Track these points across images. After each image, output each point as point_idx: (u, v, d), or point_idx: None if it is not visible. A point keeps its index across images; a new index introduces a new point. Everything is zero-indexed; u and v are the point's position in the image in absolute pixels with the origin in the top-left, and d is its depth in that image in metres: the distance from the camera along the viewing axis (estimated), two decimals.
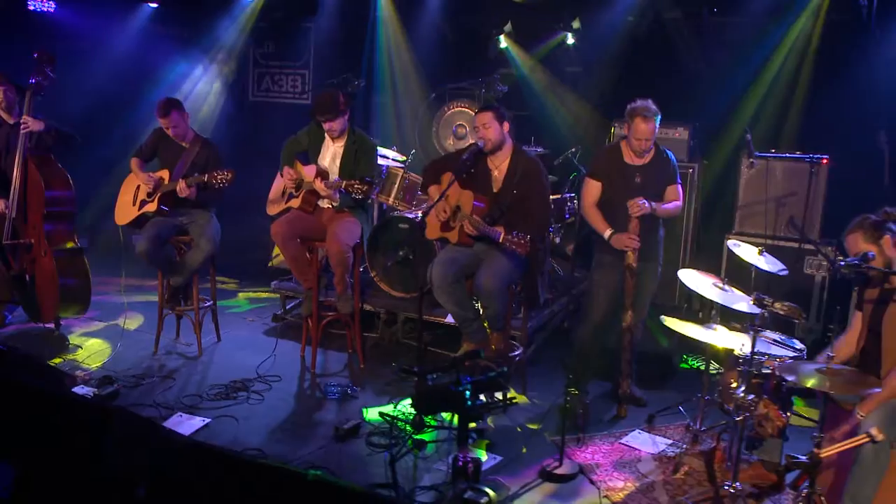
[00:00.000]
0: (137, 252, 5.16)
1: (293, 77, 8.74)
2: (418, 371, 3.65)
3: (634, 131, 4.42)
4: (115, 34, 8.35)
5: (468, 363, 3.64)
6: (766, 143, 5.84)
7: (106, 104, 8.01)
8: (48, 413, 3.52)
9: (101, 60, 8.29)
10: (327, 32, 8.08)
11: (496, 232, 4.29)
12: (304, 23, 8.15)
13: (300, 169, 5.18)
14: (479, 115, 4.57)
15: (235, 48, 8.12)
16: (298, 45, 8.48)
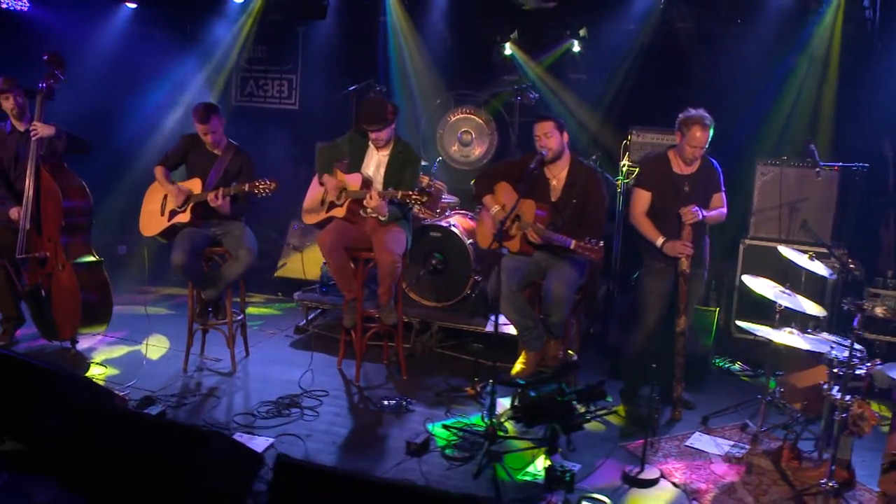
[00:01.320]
0: (173, 264, 4.98)
1: (279, 82, 8.58)
2: (524, 383, 3.67)
3: (690, 139, 4.55)
4: (93, 35, 8.02)
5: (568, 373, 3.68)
6: (778, 150, 6.10)
7: (85, 108, 7.68)
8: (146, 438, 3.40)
9: (79, 63, 7.93)
10: (319, 37, 7.95)
11: (567, 240, 4.35)
12: (295, 27, 8.00)
13: (342, 177, 5.11)
14: (540, 124, 4.62)
15: (231, 52, 7.90)
16: (286, 49, 8.32)
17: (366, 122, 4.90)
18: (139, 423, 3.59)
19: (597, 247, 4.20)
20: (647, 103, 6.61)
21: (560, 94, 7.00)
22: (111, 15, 8.14)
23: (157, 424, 3.71)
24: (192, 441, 3.30)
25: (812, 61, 6.02)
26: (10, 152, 5.39)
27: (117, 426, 3.48)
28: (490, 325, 5.53)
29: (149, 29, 8.23)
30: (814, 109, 6.16)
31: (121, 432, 3.44)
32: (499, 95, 7.23)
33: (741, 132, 4.94)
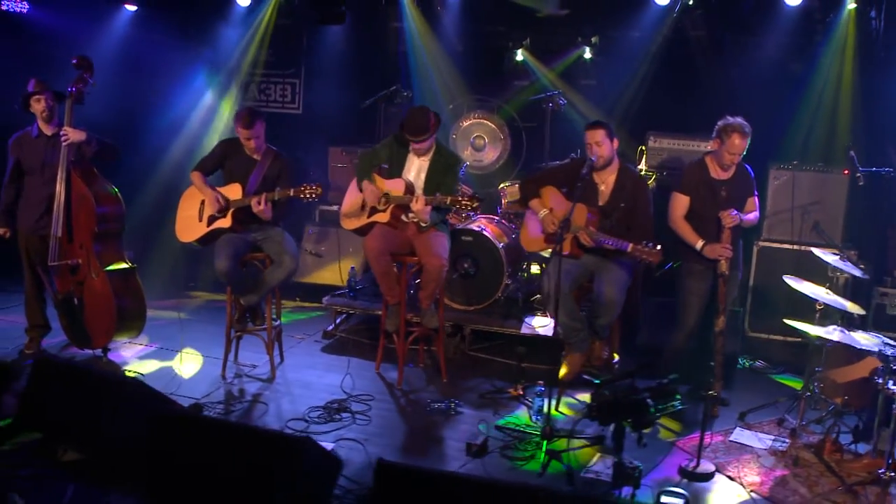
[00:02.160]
0: (217, 271, 5.01)
1: (282, 86, 8.57)
2: (600, 382, 3.81)
3: (729, 146, 4.75)
4: (93, 37, 7.91)
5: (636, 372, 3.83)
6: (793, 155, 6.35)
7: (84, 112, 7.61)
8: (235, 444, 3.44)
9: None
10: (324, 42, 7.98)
11: (624, 243, 4.50)
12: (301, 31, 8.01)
13: (382, 183, 5.19)
14: (592, 131, 4.76)
15: (242, 57, 7.88)
16: (290, 53, 8.31)
17: (411, 133, 4.99)
18: (228, 430, 3.62)
19: (654, 249, 4.37)
20: (660, 109, 6.83)
21: (573, 100, 7.15)
22: (111, 17, 8.06)
23: (246, 431, 3.74)
24: (284, 446, 3.36)
25: (824, 70, 6.28)
26: (37, 157, 5.33)
27: (205, 434, 3.51)
28: (525, 327, 5.67)
29: (150, 32, 8.15)
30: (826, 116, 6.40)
31: (209, 440, 3.47)
32: (512, 100, 7.37)
33: (754, 138, 5.15)
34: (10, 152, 5.35)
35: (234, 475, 3.38)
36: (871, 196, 6.21)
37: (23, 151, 5.33)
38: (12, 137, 5.39)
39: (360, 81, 7.65)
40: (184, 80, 8.03)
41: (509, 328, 5.74)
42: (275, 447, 3.37)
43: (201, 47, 8.09)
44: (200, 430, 3.55)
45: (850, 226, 6.26)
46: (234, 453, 3.40)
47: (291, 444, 3.35)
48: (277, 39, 7.84)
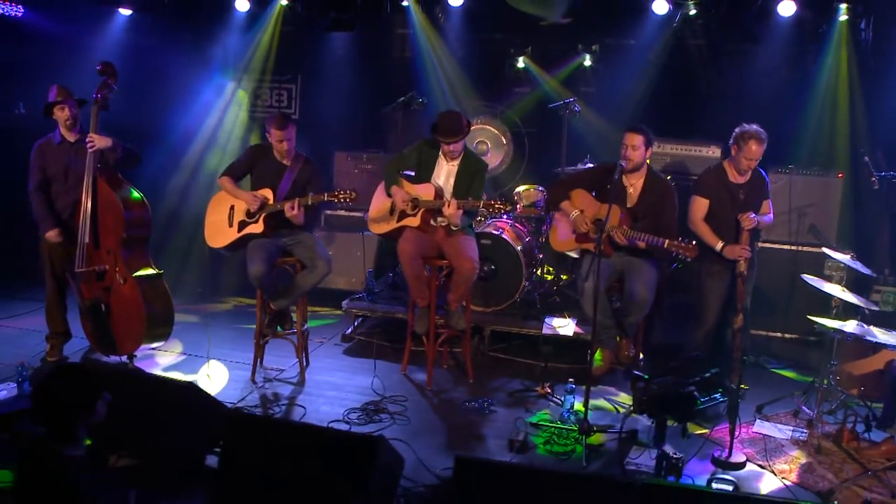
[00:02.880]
0: (251, 276, 5.09)
1: (278, 91, 8.64)
2: (648, 378, 4.02)
3: (746, 152, 5.02)
4: (89, 43, 7.90)
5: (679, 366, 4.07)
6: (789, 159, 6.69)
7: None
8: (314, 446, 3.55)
9: (75, 71, 7.83)
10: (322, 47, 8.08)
11: (660, 240, 4.73)
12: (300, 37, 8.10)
13: (410, 187, 5.33)
14: (632, 135, 4.97)
15: (245, 63, 7.94)
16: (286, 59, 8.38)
17: (445, 135, 5.15)
18: (302, 431, 3.73)
19: (690, 245, 4.61)
20: (662, 116, 7.07)
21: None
22: (106, 21, 8.04)
23: (321, 431, 3.85)
24: (359, 445, 3.48)
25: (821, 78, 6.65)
26: (60, 164, 5.35)
27: (280, 435, 3.61)
28: (546, 328, 5.88)
29: (146, 37, 8.15)
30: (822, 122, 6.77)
31: (284, 441, 3.57)
32: (514, 106, 7.59)
33: None
34: (33, 160, 5.35)
35: (309, 475, 3.49)
36: (864, 199, 6.61)
37: (46, 159, 5.34)
38: (35, 145, 5.39)
39: (363, 88, 7.78)
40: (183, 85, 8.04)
41: (531, 329, 5.93)
42: (350, 446, 3.50)
43: (200, 53, 8.13)
44: (275, 431, 3.65)
45: (844, 226, 6.64)
46: (309, 454, 3.52)
47: (366, 443, 3.48)
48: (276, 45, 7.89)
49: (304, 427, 4.15)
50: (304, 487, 3.50)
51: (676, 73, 7.18)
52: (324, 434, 3.74)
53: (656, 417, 4.08)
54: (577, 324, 5.91)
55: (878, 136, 6.66)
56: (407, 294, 6.37)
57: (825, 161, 6.67)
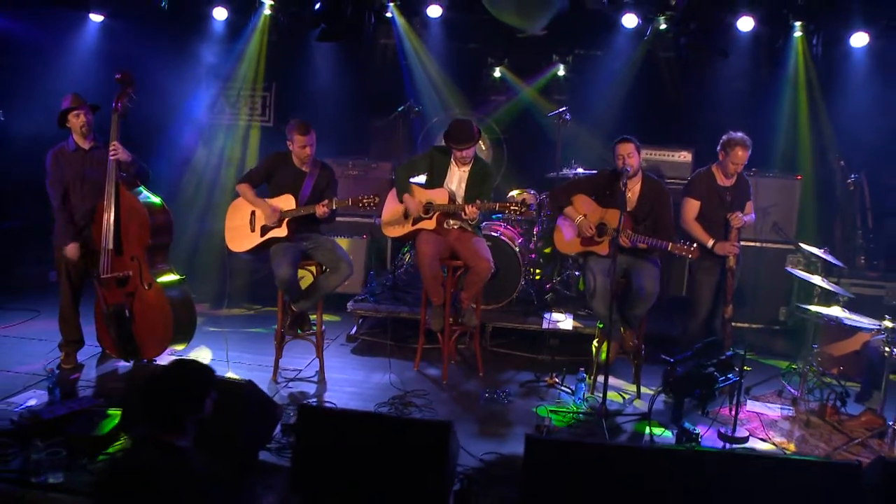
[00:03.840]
0: (279, 278, 5.32)
1: (253, 99, 8.82)
2: (673, 361, 4.50)
3: (733, 157, 5.58)
4: (61, 48, 7.96)
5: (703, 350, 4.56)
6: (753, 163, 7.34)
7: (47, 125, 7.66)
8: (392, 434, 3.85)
9: (47, 76, 7.87)
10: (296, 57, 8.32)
11: (663, 242, 5.22)
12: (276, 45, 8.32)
13: (424, 193, 5.68)
14: (624, 145, 5.43)
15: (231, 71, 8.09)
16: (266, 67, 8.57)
17: (458, 142, 5.51)
18: (374, 420, 4.03)
19: (692, 247, 5.12)
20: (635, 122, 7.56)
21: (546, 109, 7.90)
22: (79, 28, 8.07)
23: (391, 420, 4.14)
24: (437, 432, 3.81)
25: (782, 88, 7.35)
26: (75, 172, 5.44)
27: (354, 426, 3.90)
28: (546, 323, 6.31)
29: (119, 44, 8.18)
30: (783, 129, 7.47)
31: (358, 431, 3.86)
32: (492, 114, 8.02)
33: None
34: (51, 170, 5.41)
35: (387, 462, 3.79)
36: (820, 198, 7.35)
37: (61, 167, 5.42)
38: (49, 153, 5.46)
39: (344, 96, 8.06)
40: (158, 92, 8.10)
41: (531, 324, 6.36)
42: (425, 432, 3.83)
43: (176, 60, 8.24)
44: (349, 422, 3.94)
45: (802, 224, 7.35)
46: (386, 441, 3.82)
47: (440, 429, 3.81)
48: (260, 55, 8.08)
49: (377, 416, 4.44)
50: (381, 474, 3.79)
51: (648, 83, 7.78)
52: (398, 422, 4.05)
53: (680, 396, 4.56)
54: (574, 318, 6.38)
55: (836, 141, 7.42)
56: (407, 295, 6.77)
57: (786, 164, 7.36)
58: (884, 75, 7.23)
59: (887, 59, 7.18)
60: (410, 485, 3.78)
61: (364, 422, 3.98)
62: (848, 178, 6.25)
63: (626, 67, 7.74)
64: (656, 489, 3.57)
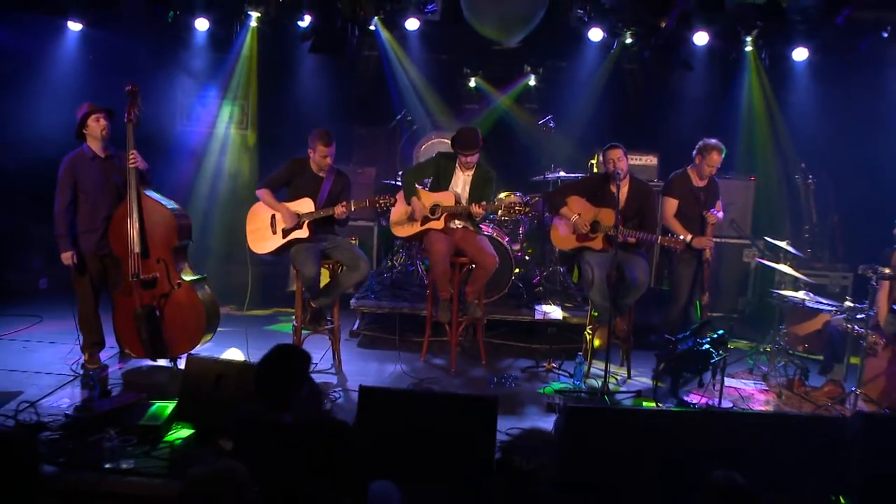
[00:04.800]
0: (306, 276, 5.77)
1: (231, 108, 9.18)
2: (674, 340, 5.19)
3: (709, 161, 6.33)
4: (39, 56, 8.18)
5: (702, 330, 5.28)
6: None
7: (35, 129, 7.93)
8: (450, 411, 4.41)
9: (26, 84, 8.11)
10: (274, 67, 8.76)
11: (652, 237, 5.92)
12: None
13: (431, 196, 6.23)
14: (613, 150, 6.09)
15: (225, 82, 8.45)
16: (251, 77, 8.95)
17: (464, 148, 6.10)
18: (431, 398, 4.56)
19: (680, 239, 5.84)
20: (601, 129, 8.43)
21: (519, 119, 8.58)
22: (57, 36, 8.30)
23: (448, 397, 4.67)
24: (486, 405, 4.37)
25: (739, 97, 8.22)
26: (95, 178, 5.72)
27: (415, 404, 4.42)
28: (538, 314, 6.96)
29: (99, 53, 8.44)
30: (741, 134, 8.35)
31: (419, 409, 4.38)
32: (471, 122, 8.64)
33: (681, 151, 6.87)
34: (64, 176, 5.68)
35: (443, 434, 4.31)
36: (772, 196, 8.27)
37: (78, 173, 5.71)
38: (66, 158, 5.73)
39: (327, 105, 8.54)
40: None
41: (524, 316, 6.99)
42: (476, 406, 4.38)
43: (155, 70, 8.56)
44: (405, 401, 4.46)
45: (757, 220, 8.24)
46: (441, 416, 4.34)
47: (488, 402, 4.37)
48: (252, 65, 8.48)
49: (429, 393, 4.96)
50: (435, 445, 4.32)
51: (615, 92, 8.55)
52: (449, 397, 4.59)
53: (680, 372, 5.26)
54: (563, 309, 7.05)
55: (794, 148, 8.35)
56: (405, 291, 7.31)
57: (743, 166, 8.23)
58: (823, 85, 8.19)
59: (826, 71, 8.13)
60: (462, 454, 4.33)
61: (418, 399, 4.51)
62: (808, 178, 7.12)
63: (594, 78, 8.48)
64: (674, 446, 4.21)
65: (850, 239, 7.97)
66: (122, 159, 5.68)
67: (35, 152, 8.01)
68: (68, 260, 5.73)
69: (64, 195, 5.67)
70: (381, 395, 4.51)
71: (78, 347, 5.99)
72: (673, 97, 8.37)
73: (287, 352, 3.71)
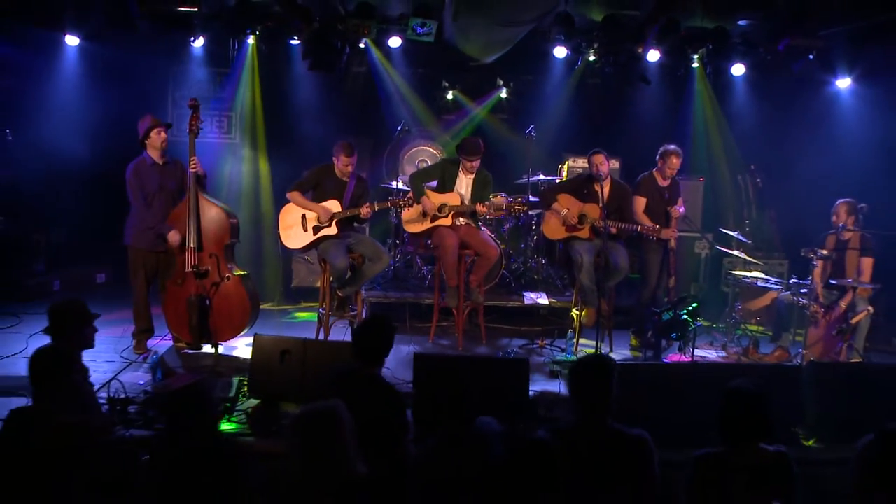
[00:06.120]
0: (338, 268, 6.75)
1: (220, 118, 10.04)
2: (660, 310, 6.41)
3: (669, 164, 7.59)
4: (40, 70, 8.88)
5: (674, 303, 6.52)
6: None
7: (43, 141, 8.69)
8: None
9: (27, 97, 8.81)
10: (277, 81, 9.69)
11: (634, 227, 7.15)
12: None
13: (438, 196, 7.31)
14: (597, 156, 7.27)
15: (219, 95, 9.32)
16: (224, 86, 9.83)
17: (469, 154, 7.20)
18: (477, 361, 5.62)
19: (657, 228, 7.08)
20: (569, 136, 9.68)
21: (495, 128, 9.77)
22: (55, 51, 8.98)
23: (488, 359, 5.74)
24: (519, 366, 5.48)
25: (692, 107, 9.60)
26: (154, 183, 6.62)
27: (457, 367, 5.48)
28: (528, 299, 8.12)
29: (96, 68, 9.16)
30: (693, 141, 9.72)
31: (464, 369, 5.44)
32: (449, 130, 9.78)
33: (641, 156, 8.17)
34: (132, 179, 6.53)
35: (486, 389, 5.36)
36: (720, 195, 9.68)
37: (142, 178, 6.58)
38: (130, 166, 6.58)
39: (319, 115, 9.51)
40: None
41: (514, 301, 8.14)
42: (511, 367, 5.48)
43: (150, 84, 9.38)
44: (451, 363, 5.52)
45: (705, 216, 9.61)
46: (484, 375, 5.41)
47: (521, 364, 5.49)
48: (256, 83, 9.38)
49: (472, 358, 6.00)
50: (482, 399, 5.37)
51: (580, 103, 9.79)
52: (489, 360, 5.67)
53: (664, 338, 6.49)
54: (548, 295, 8.25)
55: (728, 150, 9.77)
56: (407, 283, 8.36)
57: (694, 168, 9.60)
58: (759, 97, 9.65)
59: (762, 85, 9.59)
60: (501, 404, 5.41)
61: (462, 362, 5.58)
62: (756, 179, 8.53)
63: (560, 90, 9.70)
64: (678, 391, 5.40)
65: (785, 230, 9.41)
66: (178, 166, 6.56)
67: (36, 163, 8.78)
68: (176, 238, 6.50)
69: (137, 197, 6.52)
70: (430, 360, 5.56)
71: (129, 335, 6.81)
72: (632, 108, 9.64)
73: (381, 320, 4.73)
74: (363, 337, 4.63)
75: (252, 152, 9.59)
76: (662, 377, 5.52)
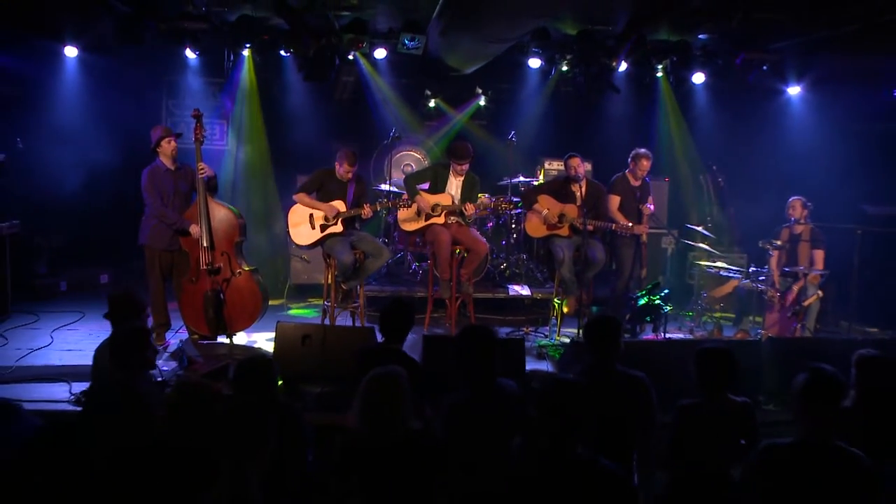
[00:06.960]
0: (345, 263, 7.49)
1: (212, 126, 10.72)
2: (635, 296, 7.29)
3: (640, 166, 8.50)
4: (42, 80, 9.48)
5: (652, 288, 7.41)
6: None
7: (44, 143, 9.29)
8: None
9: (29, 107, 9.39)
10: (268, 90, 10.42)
11: (609, 225, 8.02)
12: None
13: (431, 197, 8.10)
14: (574, 159, 8.13)
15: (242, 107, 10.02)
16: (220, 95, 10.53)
17: (459, 158, 8.00)
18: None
19: (630, 225, 7.96)
20: (544, 141, 10.56)
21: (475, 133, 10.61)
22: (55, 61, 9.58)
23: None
24: (517, 343, 6.29)
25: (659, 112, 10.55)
26: (168, 187, 7.30)
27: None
28: (512, 291, 8.95)
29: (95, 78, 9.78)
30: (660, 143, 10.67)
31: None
32: (433, 136, 10.59)
33: (613, 158, 9.07)
34: (148, 183, 7.19)
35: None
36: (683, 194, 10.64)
37: (156, 183, 7.25)
38: (145, 171, 7.25)
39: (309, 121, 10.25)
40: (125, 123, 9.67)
41: (500, 293, 8.97)
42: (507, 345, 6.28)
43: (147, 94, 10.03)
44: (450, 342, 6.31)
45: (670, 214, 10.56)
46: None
47: (516, 342, 6.30)
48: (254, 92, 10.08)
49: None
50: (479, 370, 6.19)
51: (554, 110, 10.69)
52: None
53: (640, 321, 7.36)
54: (531, 287, 9.10)
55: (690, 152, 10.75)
56: (399, 277, 9.13)
57: (660, 170, 10.54)
58: (718, 104, 10.65)
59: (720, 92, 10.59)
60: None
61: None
62: (718, 178, 9.50)
63: (535, 98, 10.59)
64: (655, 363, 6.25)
65: (743, 226, 10.39)
66: (188, 170, 7.26)
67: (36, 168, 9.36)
68: (197, 230, 7.13)
69: (155, 198, 7.18)
70: (438, 340, 6.35)
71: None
72: (603, 114, 10.57)
73: (403, 302, 5.49)
74: (389, 317, 5.39)
75: (252, 159, 10.26)
76: (640, 353, 6.37)
